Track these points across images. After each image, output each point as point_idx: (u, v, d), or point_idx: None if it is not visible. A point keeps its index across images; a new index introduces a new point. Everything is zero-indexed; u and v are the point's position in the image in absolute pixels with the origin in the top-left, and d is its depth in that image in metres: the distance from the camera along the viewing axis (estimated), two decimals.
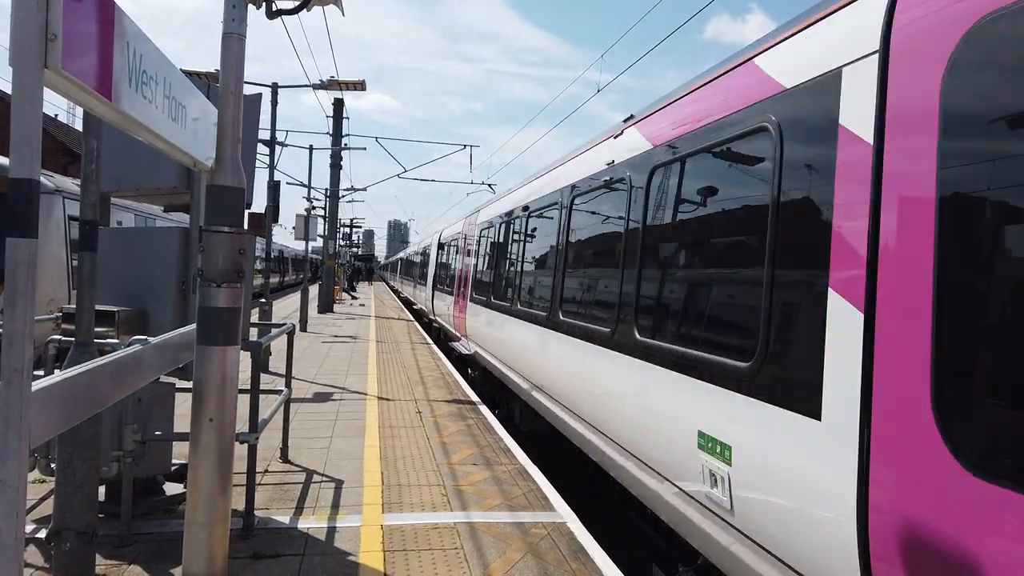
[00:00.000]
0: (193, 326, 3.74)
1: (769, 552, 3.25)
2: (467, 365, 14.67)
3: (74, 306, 4.15)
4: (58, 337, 4.95)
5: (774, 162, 3.43)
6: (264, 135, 16.83)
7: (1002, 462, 2.19)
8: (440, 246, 20.69)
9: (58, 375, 2.41)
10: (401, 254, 59.93)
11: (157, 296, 5.16)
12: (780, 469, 3.16)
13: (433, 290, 20.74)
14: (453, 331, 15.88)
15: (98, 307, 4.58)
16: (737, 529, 3.50)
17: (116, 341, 4.57)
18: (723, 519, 3.62)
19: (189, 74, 8.44)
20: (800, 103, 3.31)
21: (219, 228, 3.31)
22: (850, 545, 2.70)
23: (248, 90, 4.90)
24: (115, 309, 4.98)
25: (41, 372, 4.86)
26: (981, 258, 2.35)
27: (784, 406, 3.14)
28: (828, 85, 3.10)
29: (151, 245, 5.36)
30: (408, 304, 38.10)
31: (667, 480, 4.27)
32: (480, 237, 13.25)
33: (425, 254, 26.18)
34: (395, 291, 55.17)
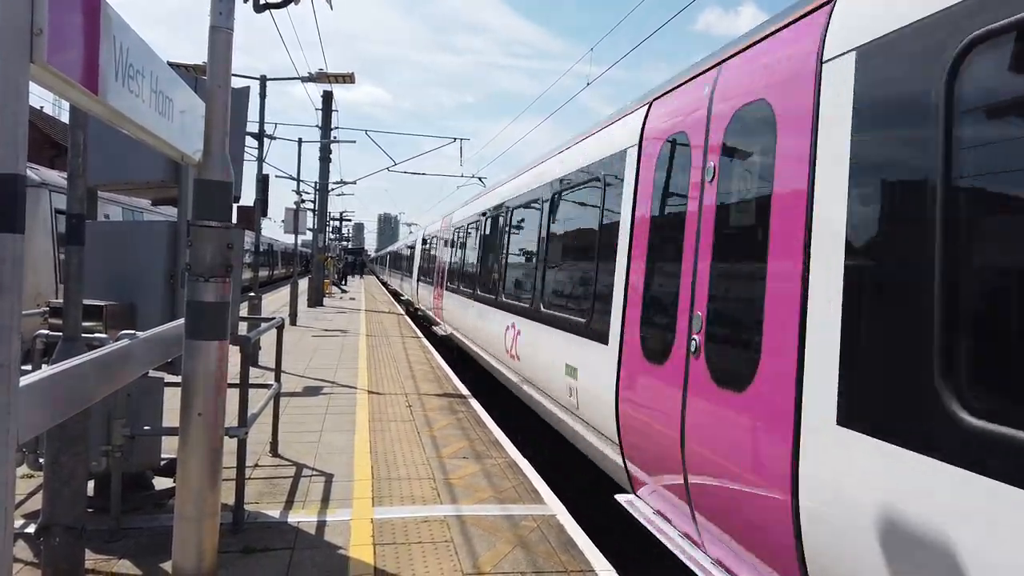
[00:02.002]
0: (181, 320, 3.73)
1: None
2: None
3: (61, 300, 4.13)
4: (45, 332, 4.94)
5: None
6: (252, 128, 16.76)
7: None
8: None
9: (46, 370, 2.40)
10: (414, 238, 29.01)
11: (145, 290, 5.15)
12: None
13: None
14: None
15: (86, 302, 4.56)
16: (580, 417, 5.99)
17: (104, 336, 4.56)
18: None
19: (176, 67, 8.42)
20: None
21: (207, 222, 3.30)
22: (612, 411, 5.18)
23: (236, 83, 4.87)
24: (103, 304, 4.95)
25: (29, 367, 4.84)
26: None
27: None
28: None
29: (139, 239, 5.33)
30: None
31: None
32: None
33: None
34: (410, 308, 29.18)
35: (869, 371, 2.70)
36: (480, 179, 33.10)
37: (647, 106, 5.41)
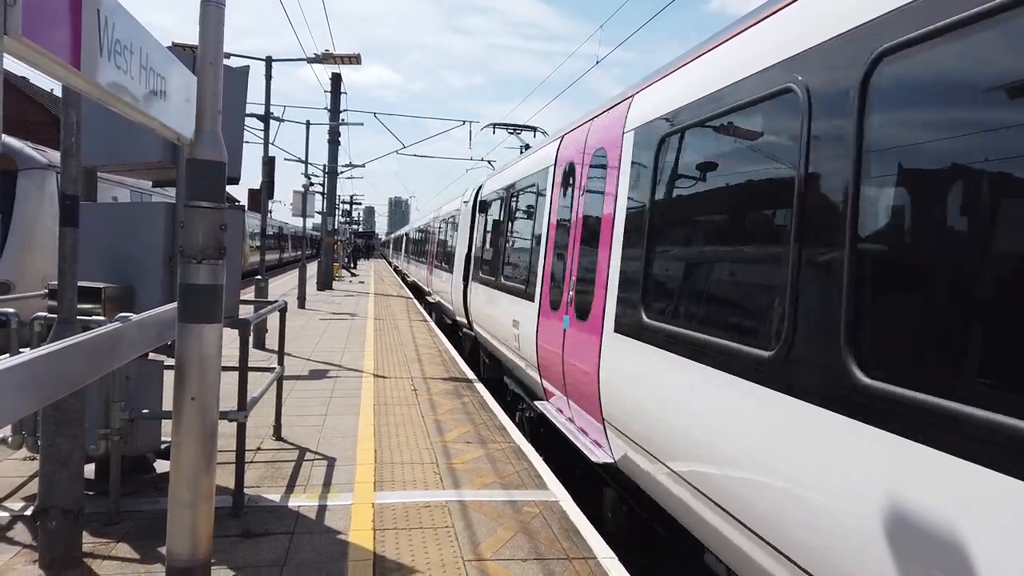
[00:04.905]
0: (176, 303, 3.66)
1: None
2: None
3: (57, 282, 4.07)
4: (43, 314, 4.90)
5: None
6: (259, 110, 16.65)
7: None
8: None
9: (27, 354, 2.34)
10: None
11: (144, 273, 5.09)
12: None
13: None
14: None
15: (84, 284, 4.51)
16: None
17: (102, 318, 4.52)
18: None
19: (182, 47, 8.32)
20: None
21: (199, 203, 3.22)
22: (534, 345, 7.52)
23: (243, 63, 4.76)
24: (102, 286, 4.91)
25: (27, 350, 4.81)
26: None
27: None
28: None
29: (138, 220, 5.27)
30: None
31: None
32: None
33: None
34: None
35: (623, 306, 5.13)
36: (489, 162, 32.90)
37: (560, 139, 7.89)
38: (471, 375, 11.17)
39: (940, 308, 2.40)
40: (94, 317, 4.50)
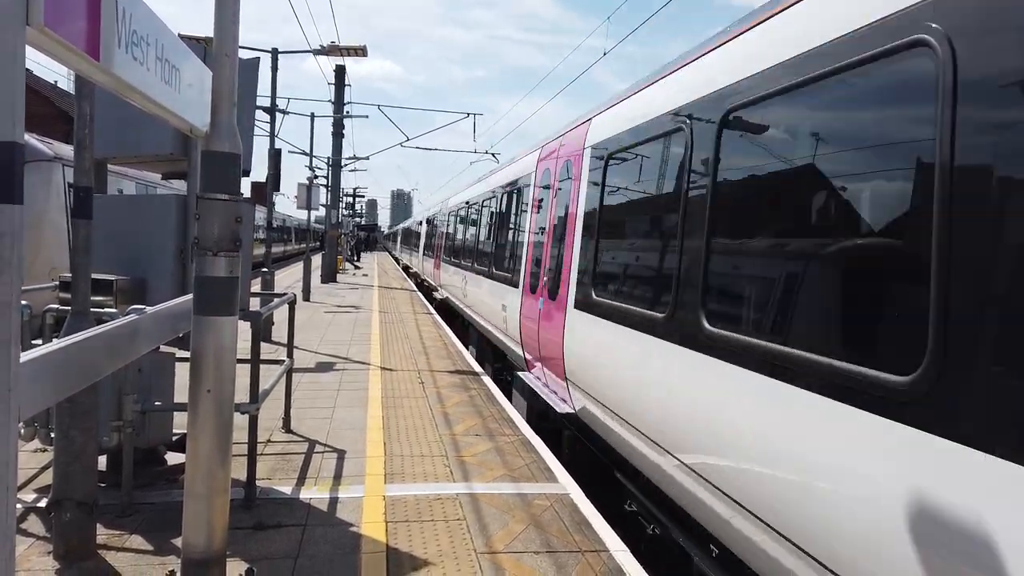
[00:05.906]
0: (191, 296, 3.67)
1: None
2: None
3: (70, 274, 4.08)
4: (55, 306, 4.90)
5: None
6: (265, 102, 16.63)
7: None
8: None
9: (49, 346, 2.34)
10: None
11: (156, 265, 5.09)
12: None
13: None
14: None
15: (96, 276, 4.51)
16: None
17: (114, 311, 4.51)
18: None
19: (188, 39, 8.28)
20: None
21: (215, 196, 3.21)
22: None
23: (248, 56, 4.76)
24: (113, 278, 4.91)
25: (40, 341, 4.81)
26: None
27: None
28: None
29: (149, 213, 5.27)
30: None
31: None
32: None
33: None
34: None
35: (585, 286, 6.34)
36: (494, 155, 32.87)
37: (539, 149, 9.43)
38: (477, 368, 11.17)
39: None
40: (107, 309, 4.51)
